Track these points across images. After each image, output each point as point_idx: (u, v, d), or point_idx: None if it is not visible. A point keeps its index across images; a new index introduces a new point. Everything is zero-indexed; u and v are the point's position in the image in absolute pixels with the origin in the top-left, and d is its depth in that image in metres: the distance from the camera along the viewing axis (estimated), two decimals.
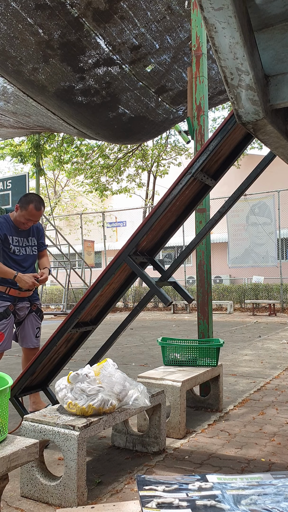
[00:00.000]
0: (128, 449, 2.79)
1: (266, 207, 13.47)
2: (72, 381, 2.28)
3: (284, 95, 1.23)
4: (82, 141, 15.52)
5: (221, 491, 1.19)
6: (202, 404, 3.68)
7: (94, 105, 6.69)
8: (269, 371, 5.11)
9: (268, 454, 2.68)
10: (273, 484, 1.23)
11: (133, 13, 5.14)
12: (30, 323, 3.38)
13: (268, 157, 2.92)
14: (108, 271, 2.91)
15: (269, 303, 13.10)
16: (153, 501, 1.13)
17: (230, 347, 6.95)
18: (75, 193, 24.87)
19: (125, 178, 18.88)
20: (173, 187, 2.81)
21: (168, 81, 6.49)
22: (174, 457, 2.66)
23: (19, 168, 23.04)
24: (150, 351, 6.81)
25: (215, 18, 1.00)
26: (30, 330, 3.38)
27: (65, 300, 12.78)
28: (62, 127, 7.86)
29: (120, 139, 9.13)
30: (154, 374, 3.26)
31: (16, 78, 5.96)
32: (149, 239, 3.03)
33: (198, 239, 3.18)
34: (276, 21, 1.21)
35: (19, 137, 12.53)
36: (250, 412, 3.54)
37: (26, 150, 13.30)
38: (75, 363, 5.44)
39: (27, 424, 2.21)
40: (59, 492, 2.07)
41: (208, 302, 3.90)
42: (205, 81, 3.95)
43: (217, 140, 2.70)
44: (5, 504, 2.12)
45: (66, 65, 5.80)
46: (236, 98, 1.17)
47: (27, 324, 3.37)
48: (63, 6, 4.87)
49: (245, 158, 16.43)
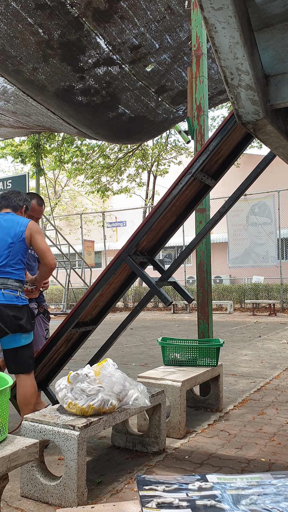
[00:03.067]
0: (128, 449, 2.79)
1: (266, 207, 13.47)
2: (72, 381, 2.28)
3: (284, 95, 1.23)
4: (82, 141, 15.52)
5: (221, 491, 1.19)
6: (202, 404, 3.68)
7: (94, 104, 6.69)
8: (269, 371, 5.11)
9: (268, 454, 2.68)
10: (273, 484, 1.23)
11: (133, 13, 5.14)
12: (39, 325, 3.39)
13: (268, 157, 2.92)
14: (108, 271, 2.91)
15: (269, 303, 13.10)
16: (153, 501, 1.13)
17: (230, 347, 6.95)
18: (75, 193, 24.87)
19: (126, 178, 18.88)
20: (173, 187, 2.81)
21: (168, 81, 6.49)
22: (174, 457, 2.66)
23: (19, 168, 23.06)
24: (150, 351, 6.81)
25: (215, 18, 1.00)
26: (39, 331, 3.37)
27: (65, 300, 12.79)
28: (62, 126, 7.86)
29: (120, 139, 9.13)
30: (154, 374, 3.26)
31: (16, 77, 5.96)
32: (149, 239, 3.04)
33: (198, 239, 3.18)
34: (276, 21, 1.21)
35: (19, 137, 12.52)
36: (250, 412, 3.54)
37: (26, 150, 13.30)
38: (75, 363, 5.44)
39: (27, 424, 2.21)
40: (59, 492, 2.07)
41: (208, 302, 3.90)
42: (205, 81, 3.95)
43: (217, 140, 2.70)
44: (5, 504, 2.12)
45: (66, 64, 5.80)
46: (236, 98, 1.17)
47: (36, 326, 3.37)
48: (63, 6, 4.87)
49: (245, 157, 16.43)
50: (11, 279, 2.74)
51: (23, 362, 2.74)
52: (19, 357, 2.73)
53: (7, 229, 2.81)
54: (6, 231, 2.81)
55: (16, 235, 2.80)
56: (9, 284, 2.73)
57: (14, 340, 2.72)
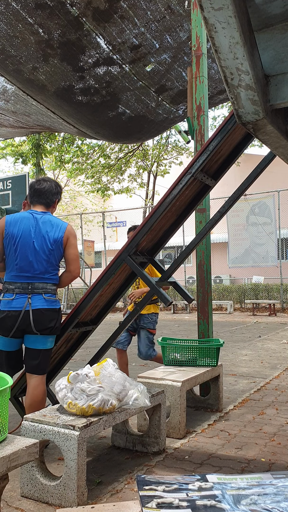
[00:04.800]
0: (128, 449, 2.79)
1: (266, 207, 13.47)
2: (72, 381, 2.28)
3: (284, 95, 1.23)
4: (83, 140, 15.52)
5: (221, 491, 1.19)
6: (202, 404, 3.68)
7: (94, 104, 6.69)
8: (269, 371, 5.11)
9: (268, 454, 2.68)
10: (273, 484, 1.23)
11: (133, 12, 5.14)
12: None
13: (268, 157, 2.92)
14: (108, 271, 2.91)
15: (269, 303, 13.10)
16: (153, 501, 1.12)
17: (230, 347, 6.95)
18: (75, 193, 24.86)
19: (126, 178, 18.87)
20: (173, 187, 2.81)
21: (168, 81, 6.49)
22: (174, 457, 2.66)
23: (19, 168, 23.04)
24: None
25: (215, 18, 1.00)
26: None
27: (65, 300, 12.79)
28: (62, 126, 7.86)
29: (120, 138, 9.13)
30: (154, 374, 3.26)
31: (16, 77, 5.96)
32: (149, 239, 3.03)
33: (198, 239, 3.17)
34: (276, 21, 1.21)
35: (19, 137, 12.52)
36: (250, 412, 3.54)
37: (27, 151, 13.30)
38: (75, 363, 5.44)
39: (27, 424, 2.21)
40: (59, 492, 2.07)
41: (208, 302, 3.90)
42: (205, 81, 3.95)
43: (217, 140, 2.70)
44: (5, 504, 2.12)
45: (66, 64, 5.80)
46: (236, 98, 1.17)
47: None
48: (63, 5, 4.86)
49: (245, 157, 16.43)
50: (50, 283, 2.74)
51: (43, 364, 2.73)
52: (41, 359, 2.71)
53: (46, 234, 2.73)
54: (46, 237, 2.73)
55: (56, 241, 2.74)
56: (48, 289, 2.72)
57: (43, 341, 2.71)
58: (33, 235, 2.72)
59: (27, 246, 2.70)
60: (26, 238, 2.70)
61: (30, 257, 2.69)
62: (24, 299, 2.65)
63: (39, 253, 2.71)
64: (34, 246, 2.70)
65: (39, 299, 2.68)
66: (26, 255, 2.69)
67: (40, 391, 2.69)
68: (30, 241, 2.71)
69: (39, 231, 2.73)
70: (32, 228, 2.73)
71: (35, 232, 2.73)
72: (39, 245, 2.71)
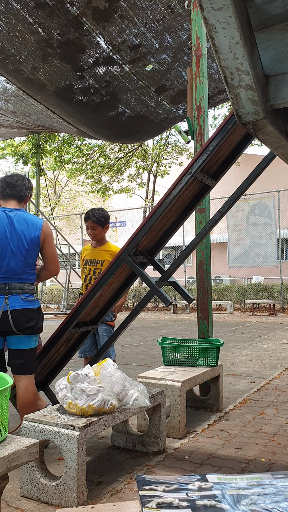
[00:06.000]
0: (128, 449, 2.79)
1: (266, 207, 13.47)
2: (72, 381, 2.28)
3: (284, 95, 1.23)
4: (82, 141, 15.52)
5: (221, 491, 1.19)
6: (202, 404, 3.68)
7: (94, 104, 6.69)
8: (269, 371, 5.11)
9: (268, 454, 2.68)
10: (273, 484, 1.23)
11: (133, 12, 5.14)
12: None
13: (268, 157, 2.92)
14: (108, 271, 2.91)
15: (269, 303, 13.10)
16: (153, 501, 1.13)
17: (230, 347, 6.95)
18: (75, 193, 24.85)
19: (126, 178, 18.87)
20: (173, 187, 2.81)
21: (168, 80, 6.49)
22: (174, 457, 2.66)
23: (19, 168, 23.02)
24: (150, 351, 6.81)
25: (215, 18, 1.00)
26: None
27: (65, 300, 12.78)
28: (62, 126, 7.86)
29: (120, 138, 9.13)
30: (154, 374, 3.26)
31: (16, 77, 5.96)
32: (149, 239, 3.03)
33: (198, 239, 3.17)
34: (276, 21, 1.21)
35: (19, 137, 12.52)
36: (250, 412, 3.54)
37: (27, 151, 13.30)
38: (75, 363, 5.44)
39: (27, 424, 2.21)
40: (59, 492, 2.07)
41: (208, 302, 3.90)
42: (205, 81, 3.95)
43: (217, 140, 2.70)
44: (5, 504, 2.12)
45: (66, 64, 5.80)
46: (236, 98, 1.17)
47: None
48: (63, 5, 4.86)
49: (245, 157, 16.43)
50: (27, 283, 2.73)
51: (29, 364, 2.72)
52: (26, 359, 2.70)
53: (22, 233, 2.69)
54: (22, 236, 2.69)
55: (32, 241, 2.71)
56: (26, 289, 2.71)
57: (26, 341, 2.70)
58: (8, 235, 2.67)
59: (3, 247, 2.66)
60: (2, 239, 2.66)
61: (6, 258, 2.66)
62: (1, 300, 2.63)
63: (16, 254, 2.67)
64: (10, 247, 2.67)
65: (17, 299, 2.66)
66: (2, 256, 2.65)
67: (30, 393, 2.68)
68: (6, 242, 2.66)
69: (14, 230, 2.68)
70: (7, 228, 2.68)
71: (10, 232, 2.68)
72: (15, 246, 2.67)
